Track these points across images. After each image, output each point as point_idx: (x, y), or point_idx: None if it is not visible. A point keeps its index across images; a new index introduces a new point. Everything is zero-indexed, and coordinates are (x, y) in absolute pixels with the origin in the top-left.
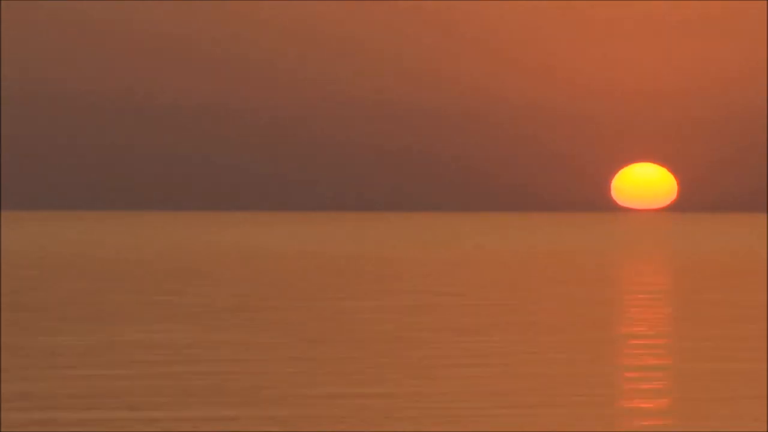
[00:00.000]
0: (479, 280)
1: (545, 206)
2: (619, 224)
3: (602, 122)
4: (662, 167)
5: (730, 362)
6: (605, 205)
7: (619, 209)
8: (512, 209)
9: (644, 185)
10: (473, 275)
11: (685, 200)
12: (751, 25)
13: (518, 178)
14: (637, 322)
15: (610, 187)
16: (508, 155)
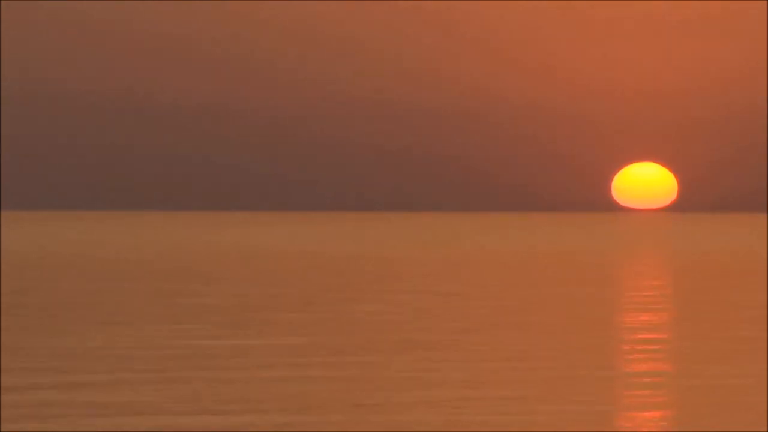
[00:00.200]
0: (479, 280)
1: (545, 206)
2: (619, 224)
3: (602, 122)
4: (663, 167)
5: (730, 362)
6: (606, 204)
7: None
8: (512, 209)
9: (645, 185)
10: (473, 275)
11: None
12: (751, 25)
13: (518, 178)
14: (637, 322)
15: (610, 186)
16: (508, 155)
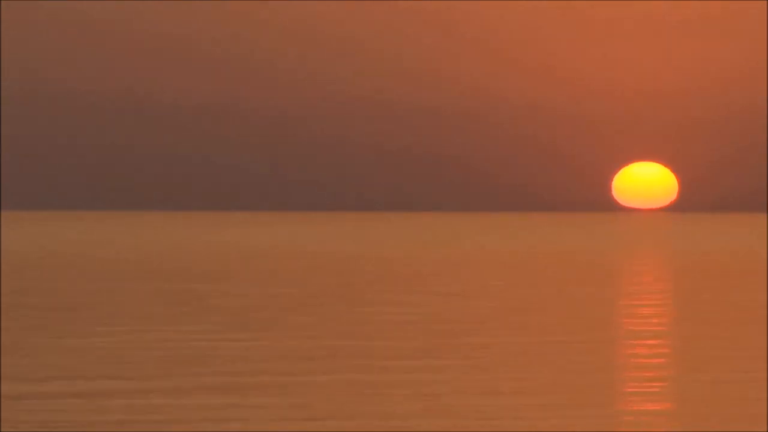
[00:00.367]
0: (479, 280)
1: (545, 206)
2: (619, 224)
3: (602, 122)
4: (663, 166)
5: (730, 362)
6: (606, 204)
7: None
8: (512, 209)
9: (645, 184)
10: (473, 275)
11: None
12: (751, 25)
13: (518, 178)
14: (637, 322)
15: (610, 186)
16: (508, 155)
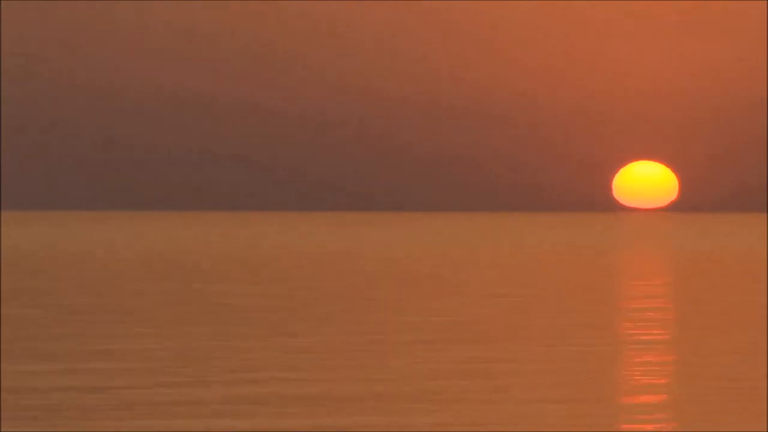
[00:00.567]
0: (479, 280)
1: (545, 206)
2: (619, 224)
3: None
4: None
5: (730, 362)
6: (606, 204)
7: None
8: (512, 209)
9: (645, 184)
10: (473, 275)
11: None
12: (751, 25)
13: (518, 177)
14: (636, 322)
15: (611, 186)
16: (508, 155)
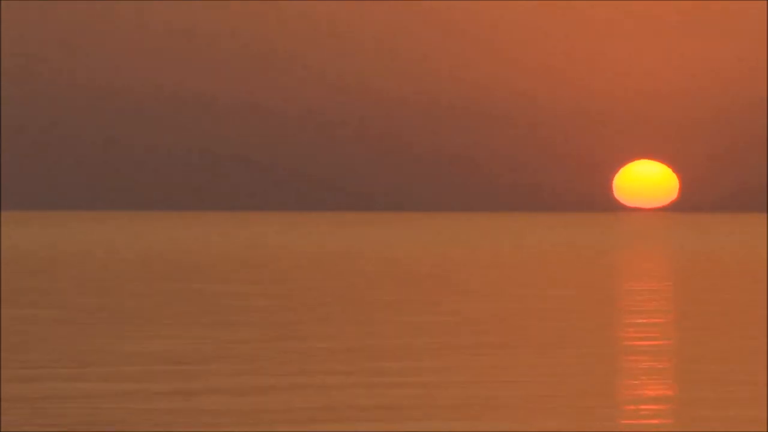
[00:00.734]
0: (480, 280)
1: (545, 206)
2: (620, 224)
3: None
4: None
5: (730, 363)
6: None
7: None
8: (512, 209)
9: (646, 183)
10: (473, 275)
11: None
12: (751, 25)
13: (518, 177)
14: (636, 322)
15: (611, 185)
16: (508, 155)
